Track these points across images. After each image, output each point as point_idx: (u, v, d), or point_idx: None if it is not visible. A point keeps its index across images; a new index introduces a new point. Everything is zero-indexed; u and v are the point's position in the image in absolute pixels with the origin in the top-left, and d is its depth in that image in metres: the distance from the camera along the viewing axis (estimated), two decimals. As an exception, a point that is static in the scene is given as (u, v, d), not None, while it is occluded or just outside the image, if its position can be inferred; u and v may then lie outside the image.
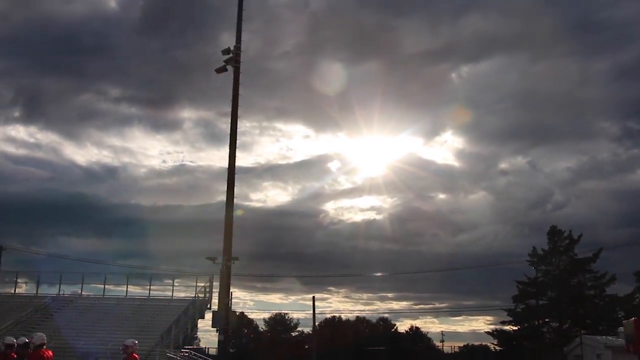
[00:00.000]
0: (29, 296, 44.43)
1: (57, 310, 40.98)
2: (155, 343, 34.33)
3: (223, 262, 36.51)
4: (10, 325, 36.68)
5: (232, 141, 38.99)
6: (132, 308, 41.00)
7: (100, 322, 38.29)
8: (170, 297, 42.67)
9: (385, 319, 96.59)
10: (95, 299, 43.62)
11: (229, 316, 36.30)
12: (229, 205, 38.13)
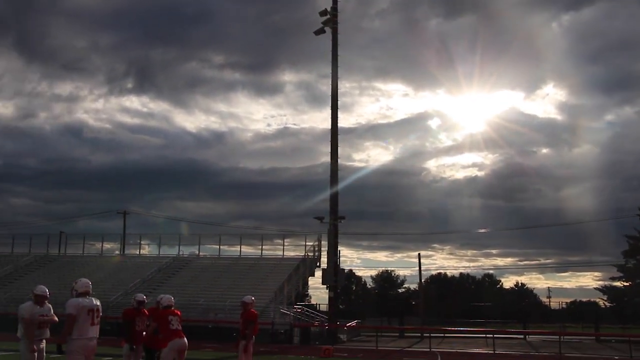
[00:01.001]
0: (152, 257, 47.41)
1: (178, 269, 43.55)
2: (270, 300, 35.89)
3: (330, 221, 37.57)
4: (137, 284, 39.38)
5: (333, 102, 39.62)
6: (246, 267, 42.94)
7: (217, 281, 40.41)
8: (281, 256, 44.27)
9: (490, 275, 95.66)
10: (212, 259, 45.90)
11: (338, 273, 37.43)
12: (333, 165, 39.01)
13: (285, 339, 32.86)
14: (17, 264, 46.02)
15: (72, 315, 8.63)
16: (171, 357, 10.69)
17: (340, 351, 26.84)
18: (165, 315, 10.84)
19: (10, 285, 41.69)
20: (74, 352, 8.64)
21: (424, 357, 25.95)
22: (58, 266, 45.67)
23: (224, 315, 34.23)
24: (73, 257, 48.24)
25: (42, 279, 38.27)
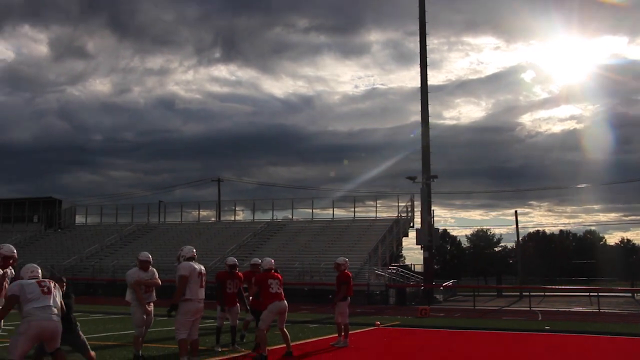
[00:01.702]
0: (246, 222, 48.30)
1: (272, 234, 44.18)
2: (364, 261, 35.83)
3: (423, 180, 36.93)
4: (234, 249, 40.24)
5: (422, 60, 38.59)
6: (339, 230, 42.98)
7: (311, 244, 40.67)
8: (374, 218, 44.04)
9: (592, 232, 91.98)
10: (305, 222, 46.27)
11: (432, 233, 36.86)
12: (424, 124, 38.16)
13: (380, 300, 32.77)
14: (121, 233, 48.02)
15: (184, 277, 8.98)
16: (271, 319, 10.76)
17: (436, 311, 26.49)
18: (265, 278, 10.87)
19: (116, 254, 43.60)
20: (184, 313, 8.98)
21: (524, 316, 25.18)
22: (158, 234, 47.35)
23: (319, 277, 34.49)
24: (172, 225, 49.91)
25: (144, 246, 39.79)
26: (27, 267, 7.44)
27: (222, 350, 11.54)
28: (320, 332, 15.38)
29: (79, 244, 46.77)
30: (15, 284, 7.14)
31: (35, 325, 6.75)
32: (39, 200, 53.56)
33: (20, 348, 6.73)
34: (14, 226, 52.96)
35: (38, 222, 52.90)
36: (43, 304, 6.89)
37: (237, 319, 12.23)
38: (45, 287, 7.06)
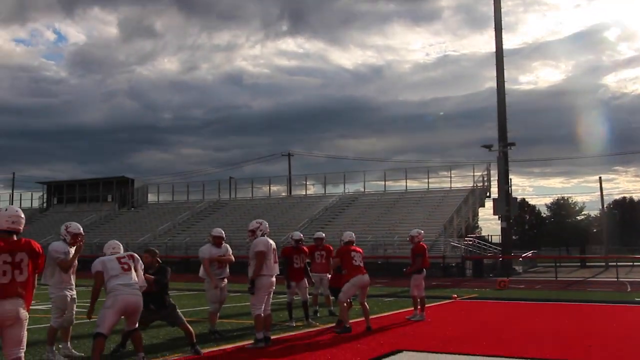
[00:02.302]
0: (318, 196, 48.18)
1: (344, 207, 43.90)
2: (439, 233, 35.15)
3: (499, 148, 35.75)
4: (305, 224, 40.22)
5: (496, 23, 37.15)
6: (412, 201, 42.27)
7: (384, 217, 40.17)
8: (448, 189, 43.12)
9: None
10: (377, 195, 45.74)
11: (510, 203, 35.73)
12: (499, 90, 36.82)
13: (457, 273, 32.10)
14: (193, 210, 48.83)
15: (262, 252, 8.92)
16: (352, 292, 10.64)
17: (516, 283, 25.63)
18: (347, 251, 10.70)
19: (188, 231, 44.38)
20: (261, 288, 8.93)
21: (610, 287, 24.02)
22: (229, 210, 47.85)
23: (393, 250, 34.06)
24: (242, 200, 50.35)
25: (215, 223, 40.21)
26: (109, 244, 7.67)
27: (297, 325, 11.30)
28: (395, 306, 14.99)
29: (152, 222, 47.83)
30: (98, 261, 7.32)
31: (121, 299, 7.01)
32: (112, 180, 54.99)
33: (109, 321, 6.97)
34: (89, 206, 54.66)
35: (112, 202, 54.43)
36: (126, 281, 7.13)
37: (307, 294, 11.97)
38: (125, 265, 7.26)
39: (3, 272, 5.19)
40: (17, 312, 5.23)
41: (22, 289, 5.28)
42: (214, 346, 8.89)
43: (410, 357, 8.06)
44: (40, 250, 5.50)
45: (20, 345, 5.32)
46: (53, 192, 58.54)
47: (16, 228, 5.41)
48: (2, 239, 5.31)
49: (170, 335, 9.83)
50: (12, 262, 5.24)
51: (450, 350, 8.60)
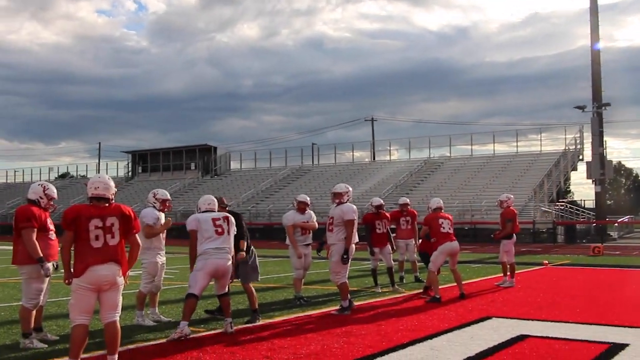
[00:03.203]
0: (402, 161, 47.70)
1: (429, 173, 43.28)
2: (529, 198, 34.14)
3: (593, 109, 34.20)
4: (389, 190, 39.92)
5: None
6: (500, 166, 41.15)
7: (471, 182, 39.32)
8: (538, 152, 41.71)
9: None
10: (464, 159, 44.83)
11: (604, 166, 34.24)
12: (594, 48, 35.06)
13: (547, 238, 31.16)
14: (276, 177, 49.34)
15: (353, 221, 8.84)
16: (442, 260, 10.43)
17: (611, 249, 24.61)
18: (436, 218, 10.50)
19: (271, 198, 44.93)
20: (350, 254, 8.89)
21: None
22: (312, 177, 48.07)
23: (480, 216, 33.39)
24: (325, 167, 50.43)
25: (298, 190, 40.54)
26: (205, 199, 7.56)
27: (383, 291, 11.21)
28: (483, 273, 14.67)
29: (235, 189, 48.65)
30: (193, 219, 7.29)
31: (211, 263, 7.08)
32: (195, 148, 55.99)
33: (200, 283, 7.10)
34: (173, 174, 55.94)
35: (195, 170, 55.52)
36: (218, 245, 7.15)
37: (392, 260, 11.82)
38: (219, 228, 7.23)
39: (95, 236, 5.36)
40: (114, 277, 5.40)
41: (116, 253, 5.44)
42: (300, 312, 8.92)
43: (500, 324, 7.82)
44: (131, 213, 5.63)
45: (115, 309, 5.50)
46: (137, 161, 60.23)
47: (102, 194, 5.51)
48: (92, 205, 5.46)
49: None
50: (103, 226, 5.39)
51: (541, 317, 8.30)
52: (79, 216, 5.35)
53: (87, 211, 5.40)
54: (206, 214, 7.34)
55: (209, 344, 6.59)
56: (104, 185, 5.54)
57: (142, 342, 6.74)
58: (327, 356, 5.95)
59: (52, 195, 6.81)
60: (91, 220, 5.36)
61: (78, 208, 5.43)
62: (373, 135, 58.09)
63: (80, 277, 5.30)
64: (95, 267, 5.30)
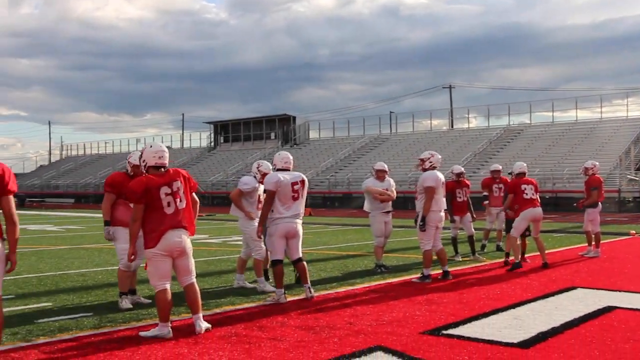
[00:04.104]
0: (480, 129, 46.78)
1: (509, 140, 42.29)
2: (614, 166, 32.95)
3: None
4: (468, 158, 39.32)
5: None
6: (583, 132, 39.78)
7: (552, 149, 38.22)
8: (624, 117, 40.07)
9: None
10: (544, 126, 43.53)
11: (697, 131, 32.55)
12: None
13: (634, 207, 30.02)
14: (354, 146, 49.36)
15: (432, 188, 8.80)
16: (524, 227, 10.28)
17: None
18: (519, 184, 10.30)
19: (350, 167, 45.01)
20: (429, 223, 8.90)
21: None
22: (390, 145, 47.82)
23: (562, 184, 32.50)
24: (403, 135, 50.01)
25: (376, 158, 40.41)
26: (281, 156, 7.53)
27: (463, 259, 11.17)
28: (567, 242, 14.35)
29: (314, 158, 48.98)
30: (274, 180, 7.22)
31: (282, 227, 7.18)
32: (274, 118, 56.63)
33: (279, 247, 7.25)
34: (254, 144, 56.92)
35: (275, 139, 56.20)
36: (292, 212, 7.24)
37: (472, 228, 11.72)
38: (296, 193, 7.29)
39: (167, 203, 5.61)
40: (184, 243, 5.67)
41: (184, 218, 5.69)
42: (381, 279, 9.01)
43: (585, 295, 7.67)
44: (188, 175, 5.92)
45: (190, 273, 5.79)
46: (219, 132, 61.48)
47: (163, 163, 5.74)
48: (155, 174, 5.68)
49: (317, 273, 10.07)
50: (172, 192, 5.64)
51: (629, 288, 8.08)
52: (149, 187, 5.57)
53: (154, 181, 5.61)
54: (286, 176, 7.29)
55: (293, 309, 6.79)
56: (165, 154, 5.77)
57: (229, 306, 7.00)
58: (409, 323, 6.04)
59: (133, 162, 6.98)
60: (161, 189, 5.59)
61: (144, 180, 5.62)
62: (451, 103, 57.05)
63: (156, 246, 5.56)
64: (167, 234, 5.55)
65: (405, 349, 5.07)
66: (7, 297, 7.45)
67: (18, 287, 8.38)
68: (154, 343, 5.30)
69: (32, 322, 6.15)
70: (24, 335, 5.59)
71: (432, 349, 5.05)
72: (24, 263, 10.93)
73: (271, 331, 5.73)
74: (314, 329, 5.83)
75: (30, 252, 13.03)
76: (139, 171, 6.82)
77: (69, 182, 61.35)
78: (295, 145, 54.29)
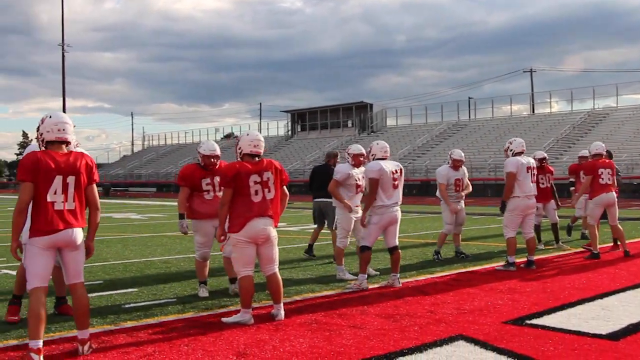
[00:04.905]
0: (563, 114, 45.32)
1: (593, 125, 40.78)
2: None
3: None
4: (550, 143, 38.16)
5: None
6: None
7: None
8: None
9: None
10: (632, 109, 41.72)
11: None
12: None
13: None
14: (432, 133, 48.74)
15: (512, 173, 8.66)
16: (598, 213, 9.86)
17: None
18: (594, 167, 9.77)
19: (428, 154, 44.50)
20: (514, 210, 8.75)
21: None
22: (469, 132, 46.97)
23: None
24: (482, 121, 48.99)
25: (455, 145, 39.87)
26: (380, 145, 7.56)
27: (546, 248, 10.86)
28: (658, 230, 13.72)
29: (391, 145, 47.86)
30: (377, 167, 7.26)
31: (385, 217, 7.24)
32: (351, 106, 56.62)
33: (373, 236, 7.35)
34: (331, 132, 57.16)
35: (352, 127, 56.19)
36: (393, 200, 7.29)
37: (556, 216, 11.34)
38: (396, 182, 7.34)
39: (255, 191, 5.66)
40: (268, 231, 5.71)
41: (271, 208, 5.72)
42: (461, 267, 8.88)
43: (680, 286, 7.30)
44: (281, 167, 5.92)
45: (273, 262, 5.84)
46: (296, 120, 62.18)
47: (258, 151, 5.78)
48: (248, 161, 5.73)
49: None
50: (261, 181, 5.68)
51: None
52: (239, 173, 5.63)
53: (245, 168, 5.66)
54: (388, 165, 7.33)
55: (373, 297, 6.77)
56: (261, 142, 5.81)
57: (309, 294, 7.05)
58: (491, 312, 5.91)
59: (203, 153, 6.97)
60: (250, 176, 5.64)
61: (236, 165, 5.68)
62: (532, 87, 55.56)
63: (240, 231, 5.63)
64: (253, 221, 5.60)
65: (487, 338, 4.97)
66: (95, 283, 7.77)
67: (106, 273, 8.69)
68: (236, 329, 5.40)
69: (120, 307, 6.38)
70: (113, 320, 5.80)
71: (516, 339, 4.92)
72: (111, 250, 11.38)
73: (351, 319, 5.73)
74: (394, 317, 5.79)
75: (116, 239, 13.53)
76: (209, 162, 6.94)
77: (150, 172, 63.36)
78: (372, 132, 54.09)
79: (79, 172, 4.67)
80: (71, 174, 4.63)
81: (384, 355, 4.56)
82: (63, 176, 4.60)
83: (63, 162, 4.62)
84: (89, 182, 4.77)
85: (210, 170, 6.97)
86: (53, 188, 4.56)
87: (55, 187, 4.57)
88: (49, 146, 4.70)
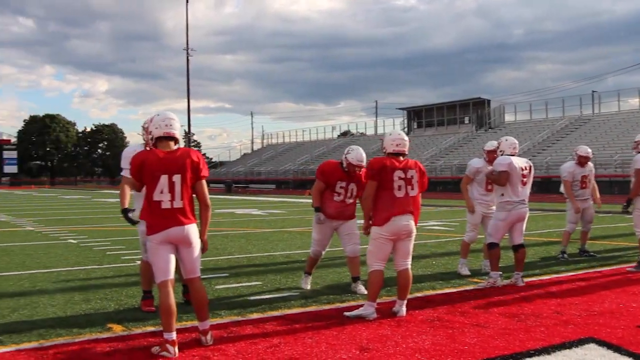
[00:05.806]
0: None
1: None
2: None
3: None
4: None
5: None
6: None
7: None
8: None
9: None
10: None
11: None
12: None
13: None
14: (553, 129, 46.84)
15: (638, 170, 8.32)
16: None
17: None
18: None
19: (548, 150, 42.78)
20: None
21: None
22: (593, 126, 44.73)
23: None
24: (607, 115, 46.46)
25: (577, 141, 38.09)
26: (510, 142, 7.46)
27: None
28: None
29: (511, 142, 47.11)
30: (507, 160, 7.19)
31: (513, 214, 7.18)
32: (468, 102, 55.51)
33: (501, 233, 7.33)
34: (447, 128, 56.32)
35: (469, 124, 55.06)
36: (520, 197, 7.22)
37: None
38: (525, 178, 7.27)
39: (398, 186, 5.73)
40: (411, 228, 5.77)
41: (413, 204, 5.79)
42: (588, 267, 8.53)
43: None
44: (424, 169, 5.98)
45: (407, 257, 5.87)
46: (413, 117, 61.76)
47: (401, 150, 5.85)
48: (393, 159, 5.80)
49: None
50: (405, 178, 5.74)
51: None
52: (385, 167, 5.71)
53: (391, 162, 5.74)
54: (517, 161, 7.25)
55: (495, 296, 6.63)
56: (405, 142, 5.89)
57: (430, 290, 7.00)
58: (624, 315, 5.64)
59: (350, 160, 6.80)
60: (395, 172, 5.71)
61: (383, 160, 5.77)
62: (663, 78, 52.05)
63: (383, 226, 5.69)
64: (396, 217, 5.66)
65: (621, 342, 4.74)
66: (222, 276, 8.10)
67: (231, 266, 9.03)
68: (358, 324, 5.46)
69: (245, 299, 6.62)
70: (240, 311, 6.02)
71: (653, 344, 4.67)
72: (235, 244, 11.80)
73: (474, 317, 5.65)
74: (519, 316, 5.65)
75: (239, 234, 14.00)
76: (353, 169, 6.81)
77: (269, 169, 64.95)
78: (490, 129, 52.78)
79: (185, 170, 4.76)
80: (177, 173, 4.73)
81: (509, 356, 4.46)
82: (169, 175, 4.72)
83: (169, 161, 4.73)
84: (197, 178, 4.84)
85: (350, 175, 6.92)
86: (159, 188, 4.70)
87: (162, 187, 4.70)
88: (158, 143, 4.86)
